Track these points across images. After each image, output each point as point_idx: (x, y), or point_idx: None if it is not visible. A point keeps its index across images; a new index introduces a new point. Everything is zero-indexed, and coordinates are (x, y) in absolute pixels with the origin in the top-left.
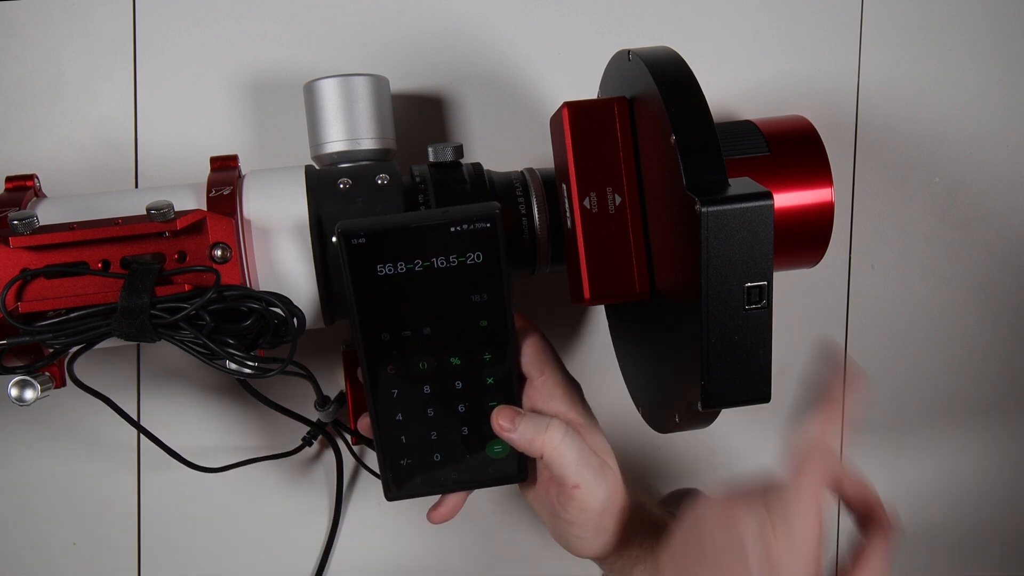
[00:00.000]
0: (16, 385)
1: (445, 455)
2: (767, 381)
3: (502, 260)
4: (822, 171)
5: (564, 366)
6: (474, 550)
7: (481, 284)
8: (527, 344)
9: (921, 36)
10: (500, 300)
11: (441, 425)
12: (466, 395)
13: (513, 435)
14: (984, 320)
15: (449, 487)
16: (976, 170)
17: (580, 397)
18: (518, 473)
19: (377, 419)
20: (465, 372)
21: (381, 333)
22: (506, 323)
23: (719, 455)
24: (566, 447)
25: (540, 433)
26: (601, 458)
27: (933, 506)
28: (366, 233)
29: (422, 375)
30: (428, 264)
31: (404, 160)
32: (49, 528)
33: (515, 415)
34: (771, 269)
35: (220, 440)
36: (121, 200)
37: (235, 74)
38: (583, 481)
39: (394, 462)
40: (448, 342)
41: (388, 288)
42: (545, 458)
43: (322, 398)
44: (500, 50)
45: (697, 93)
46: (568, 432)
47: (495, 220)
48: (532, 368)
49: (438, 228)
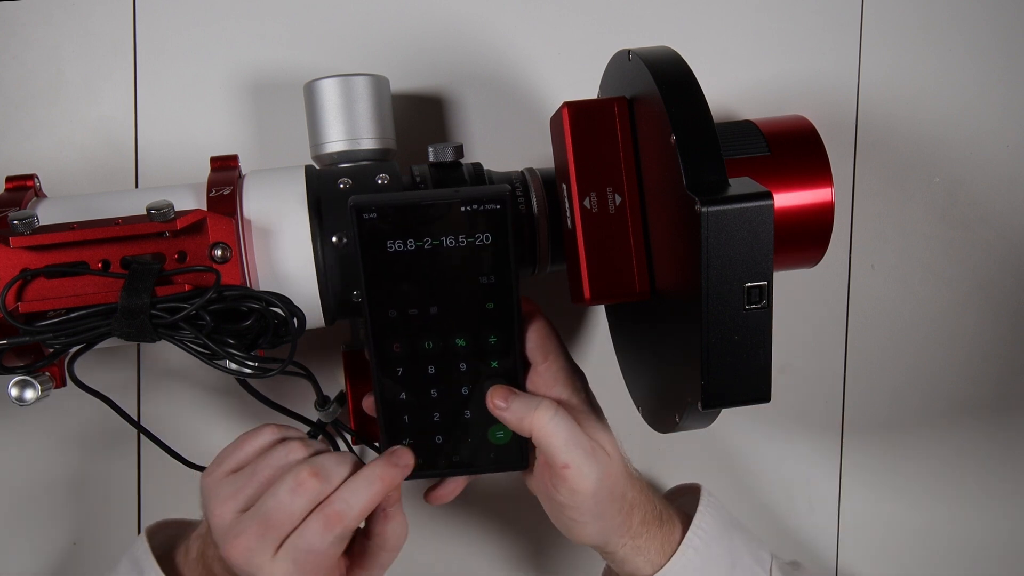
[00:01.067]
0: (16, 385)
1: (447, 437)
2: (767, 381)
3: (510, 242)
4: (822, 171)
5: (569, 354)
6: (475, 550)
7: (489, 266)
8: (532, 329)
9: (921, 36)
10: (507, 283)
11: (444, 407)
12: (470, 377)
13: (506, 413)
14: (984, 320)
15: (450, 471)
16: (976, 170)
17: (584, 385)
18: (519, 460)
19: (381, 397)
20: (470, 354)
21: (389, 310)
22: (512, 306)
23: (719, 455)
24: (555, 426)
25: (530, 412)
26: (595, 441)
27: (933, 506)
28: (378, 208)
29: (427, 355)
30: (438, 243)
31: (404, 160)
32: (49, 528)
33: (509, 394)
34: (771, 269)
35: (220, 440)
36: (121, 200)
37: (235, 74)
38: (572, 461)
39: (396, 441)
40: (454, 323)
41: (397, 265)
42: (535, 437)
43: (322, 398)
44: (500, 50)
45: (697, 93)
46: (558, 412)
47: (505, 202)
48: (536, 354)
49: (449, 206)
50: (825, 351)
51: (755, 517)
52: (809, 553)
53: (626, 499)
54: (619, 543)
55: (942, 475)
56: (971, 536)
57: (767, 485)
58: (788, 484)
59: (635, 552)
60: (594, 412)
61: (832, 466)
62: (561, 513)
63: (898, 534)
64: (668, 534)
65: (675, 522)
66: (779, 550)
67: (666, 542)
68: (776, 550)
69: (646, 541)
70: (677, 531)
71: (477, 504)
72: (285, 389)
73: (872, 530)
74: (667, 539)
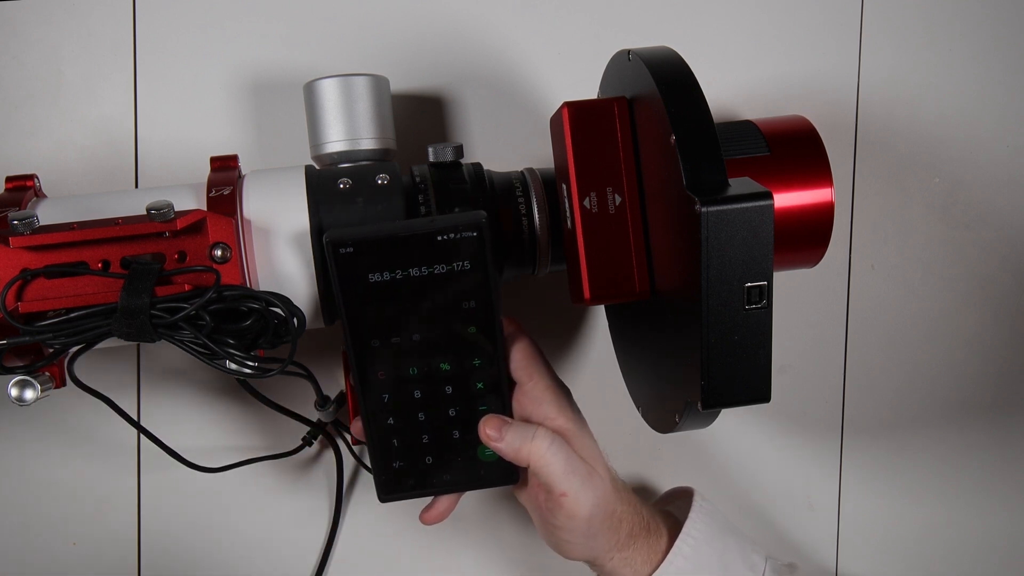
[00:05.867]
0: (16, 385)
1: (437, 458)
2: (767, 381)
3: (489, 268)
4: (822, 171)
5: (553, 371)
6: (474, 550)
7: (469, 291)
8: (516, 349)
9: (921, 36)
10: (488, 307)
11: (432, 429)
12: (456, 400)
13: (500, 444)
14: (984, 320)
15: (441, 489)
16: (976, 170)
17: (570, 402)
18: (510, 475)
19: (369, 423)
20: (455, 377)
21: (371, 340)
22: (494, 329)
23: (719, 455)
24: (552, 456)
25: (527, 443)
26: (589, 465)
27: (933, 506)
28: (353, 242)
29: (412, 380)
30: (416, 272)
31: (404, 160)
32: (49, 528)
33: (502, 424)
34: (771, 269)
35: (220, 440)
36: (121, 200)
37: (235, 74)
38: (570, 489)
39: (386, 465)
40: (437, 348)
41: (376, 296)
42: (532, 468)
43: (322, 398)
44: (500, 50)
45: (697, 93)
46: (555, 441)
47: (481, 229)
48: (521, 373)
49: (425, 237)
50: (825, 351)
51: (755, 517)
52: (809, 553)
53: (615, 515)
54: (607, 557)
55: (942, 475)
56: (971, 536)
57: (767, 485)
58: (788, 484)
59: (623, 564)
60: (581, 428)
61: (832, 466)
62: (553, 534)
63: (898, 534)
64: (655, 543)
65: (662, 531)
66: (778, 550)
67: (653, 551)
68: (775, 550)
69: (633, 552)
70: (664, 539)
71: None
72: (285, 389)
73: (872, 530)
74: (654, 548)
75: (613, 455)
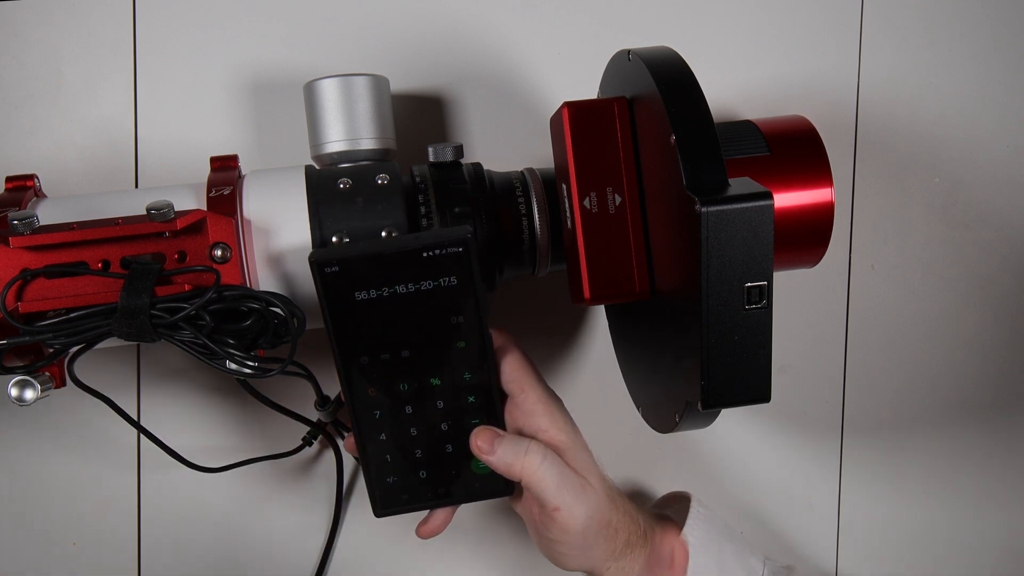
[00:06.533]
0: (16, 385)
1: (430, 472)
2: (767, 381)
3: (476, 282)
4: (822, 171)
5: (545, 382)
6: (473, 550)
7: (457, 306)
8: (506, 362)
9: (921, 36)
10: (476, 321)
11: (425, 443)
12: (448, 414)
13: (492, 458)
14: (984, 320)
15: (436, 503)
16: (976, 170)
17: (562, 412)
18: (504, 487)
19: (361, 439)
20: (445, 392)
21: (360, 357)
22: (484, 343)
23: (719, 455)
24: (545, 471)
25: (519, 458)
26: (582, 477)
27: (933, 506)
28: (339, 261)
29: (403, 396)
30: (403, 290)
31: (404, 160)
32: (49, 528)
33: (494, 437)
34: (771, 269)
35: (220, 440)
36: (121, 200)
37: (235, 74)
38: (563, 504)
39: (380, 480)
40: (427, 363)
41: (364, 314)
42: (524, 482)
43: (322, 398)
44: (500, 50)
45: (697, 93)
46: (547, 456)
47: (467, 244)
48: (513, 386)
49: (410, 254)
50: (825, 351)
51: (754, 517)
52: (808, 553)
53: (611, 525)
54: (604, 567)
55: (942, 475)
56: (971, 536)
57: (766, 485)
58: (788, 484)
59: (620, 573)
60: (575, 440)
61: (832, 466)
62: (549, 546)
63: (898, 534)
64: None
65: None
66: (778, 551)
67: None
68: (775, 551)
69: (630, 561)
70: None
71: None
72: (285, 389)
73: (872, 530)
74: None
75: (613, 455)
